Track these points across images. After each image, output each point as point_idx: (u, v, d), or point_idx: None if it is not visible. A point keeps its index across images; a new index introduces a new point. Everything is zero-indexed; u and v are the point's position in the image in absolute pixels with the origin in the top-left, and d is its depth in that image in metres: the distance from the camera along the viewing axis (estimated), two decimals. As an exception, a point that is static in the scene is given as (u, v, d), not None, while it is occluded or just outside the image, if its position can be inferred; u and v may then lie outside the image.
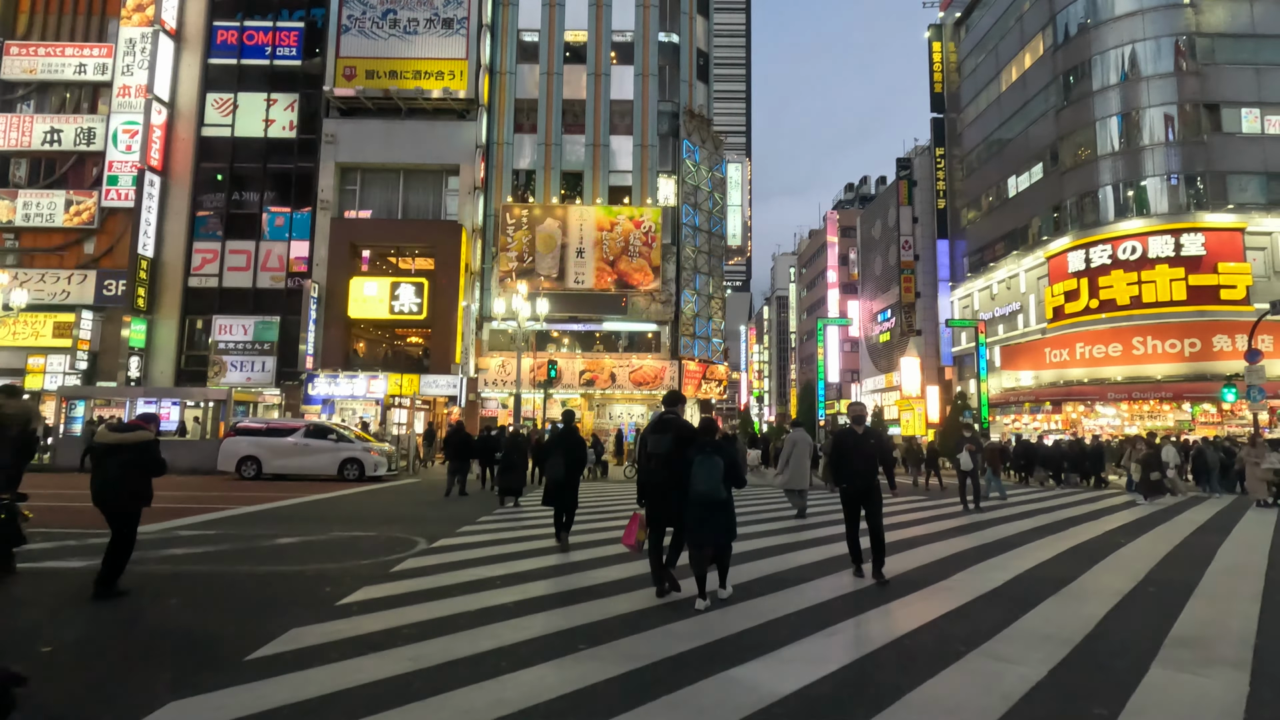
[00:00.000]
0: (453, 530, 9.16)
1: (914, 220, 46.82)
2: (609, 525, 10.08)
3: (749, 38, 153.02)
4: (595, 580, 6.26)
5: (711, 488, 5.26)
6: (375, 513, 11.24)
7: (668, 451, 5.53)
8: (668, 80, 29.84)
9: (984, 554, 7.91)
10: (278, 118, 29.25)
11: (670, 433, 5.60)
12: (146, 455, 5.71)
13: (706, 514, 5.34)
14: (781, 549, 8.07)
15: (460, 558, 7.22)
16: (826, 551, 7.84)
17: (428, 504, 13.17)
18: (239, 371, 27.77)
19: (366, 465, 18.32)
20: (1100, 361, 30.42)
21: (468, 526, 9.59)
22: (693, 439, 5.54)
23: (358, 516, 10.66)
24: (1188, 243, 28.30)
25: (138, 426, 5.84)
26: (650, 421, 7.00)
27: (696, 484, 5.27)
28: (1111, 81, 30.96)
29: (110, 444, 5.64)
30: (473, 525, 9.77)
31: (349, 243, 28.28)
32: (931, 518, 11.56)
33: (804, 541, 8.66)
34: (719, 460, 5.32)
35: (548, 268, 27.90)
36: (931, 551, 8.08)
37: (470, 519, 10.50)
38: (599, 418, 28.80)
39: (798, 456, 11.14)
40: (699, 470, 5.28)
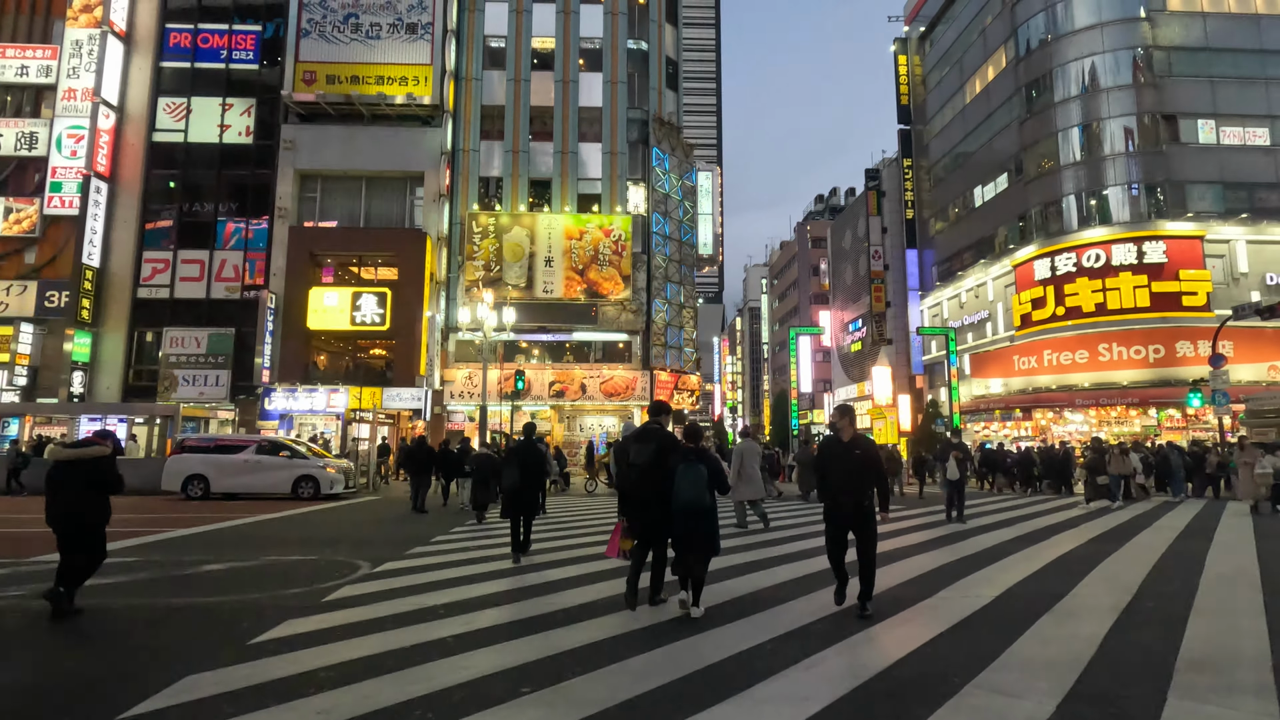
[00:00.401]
0: (402, 552, 8.47)
1: (883, 230, 47.11)
2: (570, 543, 9.47)
3: (719, 52, 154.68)
4: (551, 606, 5.66)
5: (695, 496, 5.21)
6: (323, 533, 10.47)
7: (649, 461, 5.43)
8: (637, 88, 29.55)
9: (967, 567, 7.49)
10: (234, 123, 28.25)
11: (653, 442, 5.51)
12: (103, 472, 5.60)
13: (691, 523, 5.25)
14: (752, 566, 7.55)
15: (404, 583, 6.56)
16: (802, 567, 7.34)
17: (383, 522, 12.41)
18: (191, 386, 26.53)
19: (322, 482, 17.44)
20: (1068, 368, 30.68)
21: (420, 547, 8.90)
22: (674, 450, 5.46)
23: (303, 538, 9.89)
24: (1150, 250, 28.74)
25: (93, 442, 5.75)
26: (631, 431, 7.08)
27: (680, 492, 5.21)
28: (1072, 93, 31.49)
29: (65, 460, 5.56)
30: (426, 546, 9.08)
31: (308, 252, 27.31)
32: (909, 528, 11.15)
33: (777, 558, 8.15)
34: (702, 468, 5.27)
35: (515, 277, 27.25)
36: (913, 565, 7.63)
37: (425, 538, 9.80)
38: (569, 430, 28.11)
39: (748, 466, 10.78)
40: (682, 479, 5.23)
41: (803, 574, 6.97)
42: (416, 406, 26.57)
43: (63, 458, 5.59)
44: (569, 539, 9.94)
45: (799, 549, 8.73)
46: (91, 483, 5.54)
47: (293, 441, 19.15)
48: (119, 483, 5.76)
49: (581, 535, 10.38)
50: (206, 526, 11.22)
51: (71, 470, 5.52)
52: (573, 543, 9.49)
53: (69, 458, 5.57)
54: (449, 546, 9.10)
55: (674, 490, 5.23)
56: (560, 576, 6.96)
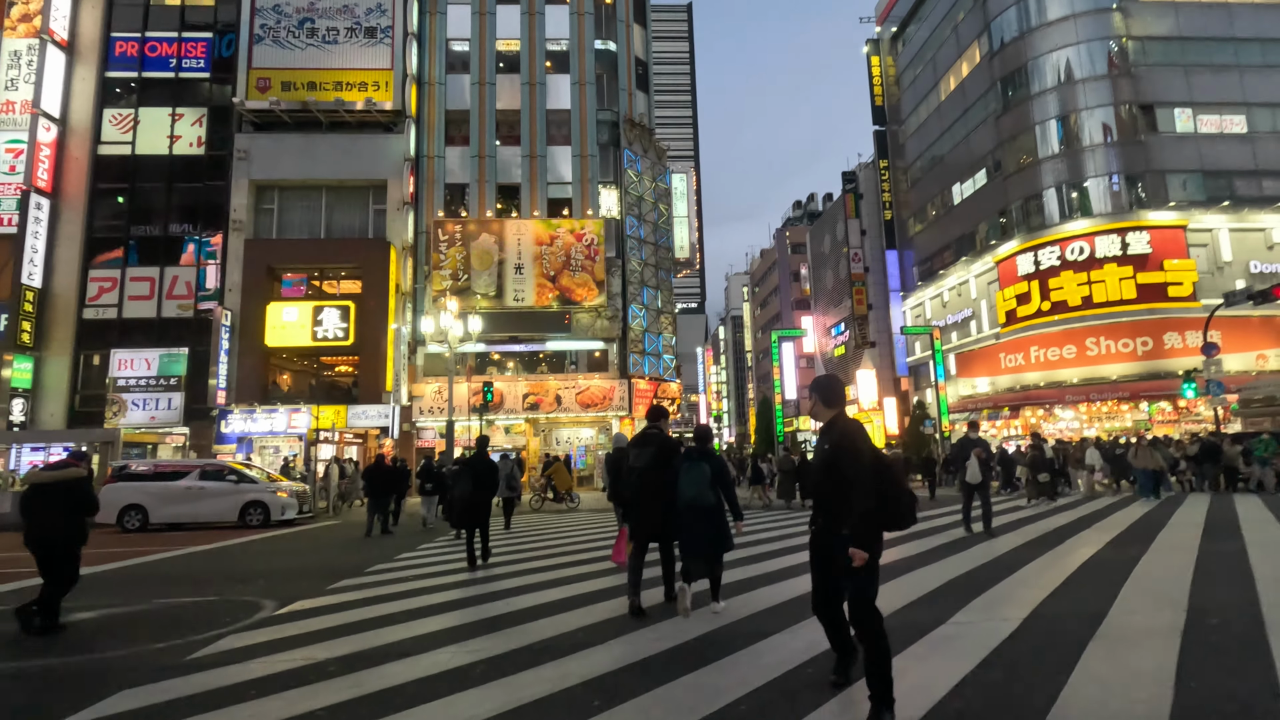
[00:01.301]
0: (325, 586, 7.26)
1: (862, 233, 46.66)
2: (523, 567, 8.31)
3: (693, 65, 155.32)
4: (474, 653, 4.51)
5: (698, 493, 5.20)
6: (249, 567, 9.21)
7: (649, 465, 5.44)
8: (606, 89, 28.69)
9: (982, 581, 6.43)
10: (184, 134, 26.95)
11: (653, 446, 5.52)
12: (78, 493, 5.76)
13: (695, 521, 5.21)
14: (728, 589, 6.43)
15: (303, 629, 5.37)
16: (788, 589, 6.24)
17: (325, 551, 11.15)
18: (141, 410, 24.99)
19: (272, 508, 16.12)
20: (1055, 364, 30.01)
21: (349, 580, 7.68)
22: (676, 452, 5.50)
23: (222, 574, 8.63)
24: (1133, 241, 28.23)
25: (68, 464, 5.94)
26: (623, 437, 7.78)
27: (684, 490, 5.21)
28: (1048, 86, 31.10)
29: (42, 484, 5.73)
30: (359, 577, 7.87)
31: (266, 266, 26.00)
32: (908, 535, 10.10)
33: (758, 578, 7.04)
34: (705, 467, 5.26)
35: (484, 285, 26.09)
36: (920, 580, 6.56)
37: (361, 568, 8.59)
38: (546, 444, 26.86)
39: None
40: (685, 477, 5.24)
41: (787, 597, 5.87)
42: (384, 424, 25.23)
43: (39, 481, 5.78)
44: (525, 562, 8.77)
45: (780, 566, 7.64)
46: (67, 506, 5.68)
47: (241, 465, 17.77)
48: (94, 504, 5.97)
49: (540, 555, 9.22)
50: (121, 563, 9.92)
51: (48, 494, 5.66)
52: (526, 564, 8.32)
53: (46, 481, 5.75)
54: (387, 576, 7.89)
55: (678, 488, 5.23)
56: (507, 609, 5.81)
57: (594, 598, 6.22)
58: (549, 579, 7.33)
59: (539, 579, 7.39)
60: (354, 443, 27.39)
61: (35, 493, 5.73)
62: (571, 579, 7.27)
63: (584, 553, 9.55)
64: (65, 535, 5.69)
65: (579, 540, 11.21)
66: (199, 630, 5.39)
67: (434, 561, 9.13)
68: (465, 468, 8.73)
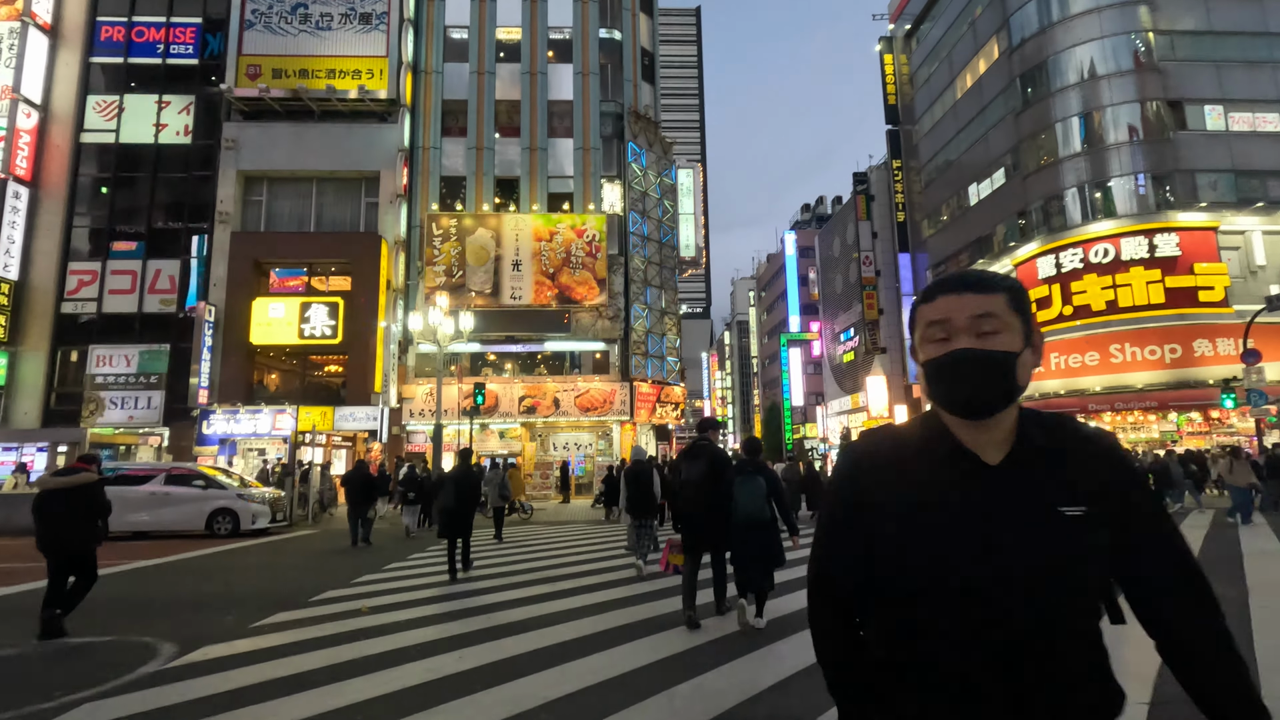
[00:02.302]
0: (253, 621, 6.03)
1: (873, 235, 45.47)
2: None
3: (700, 69, 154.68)
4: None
5: (755, 509, 5.24)
6: (183, 589, 8.00)
7: (702, 478, 5.44)
8: (610, 79, 27.55)
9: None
10: (171, 122, 25.91)
11: (704, 459, 5.51)
12: (91, 498, 5.80)
13: (750, 536, 5.25)
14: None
15: (181, 696, 4.12)
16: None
17: (283, 568, 9.93)
18: (119, 409, 23.88)
19: (241, 516, 14.95)
20: (1077, 371, 28.65)
21: (285, 613, 6.44)
22: (727, 464, 5.52)
23: (145, 599, 7.42)
24: (1161, 243, 26.89)
25: (80, 469, 5.90)
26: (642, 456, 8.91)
27: (740, 505, 5.23)
28: (1071, 82, 29.83)
29: (54, 489, 5.74)
30: (297, 610, 6.63)
31: (252, 260, 24.90)
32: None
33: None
34: (761, 481, 5.29)
35: (480, 282, 24.92)
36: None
37: (313, 592, 7.37)
38: (543, 449, 25.62)
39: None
40: (741, 492, 5.26)
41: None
42: (372, 427, 24.06)
43: (50, 487, 5.79)
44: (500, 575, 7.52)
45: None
46: (79, 509, 5.72)
47: (213, 470, 16.58)
48: (107, 506, 6.06)
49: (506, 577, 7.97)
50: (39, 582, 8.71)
51: (58, 499, 5.67)
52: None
53: (57, 486, 5.77)
54: (334, 609, 6.65)
55: (734, 504, 5.25)
56: (480, 661, 4.56)
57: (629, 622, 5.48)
58: (584, 603, 6.09)
59: (562, 604, 6.15)
60: (342, 446, 26.27)
61: (46, 498, 5.71)
62: (608, 594, 6.04)
63: (593, 563, 8.31)
64: (79, 539, 5.73)
65: (581, 551, 9.97)
66: (42, 694, 4.15)
67: (404, 586, 7.90)
68: (448, 479, 8.90)
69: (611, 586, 7.57)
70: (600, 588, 7.47)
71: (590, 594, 7.05)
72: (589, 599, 6.78)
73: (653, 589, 7.21)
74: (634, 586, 7.50)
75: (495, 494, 14.12)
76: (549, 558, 10.23)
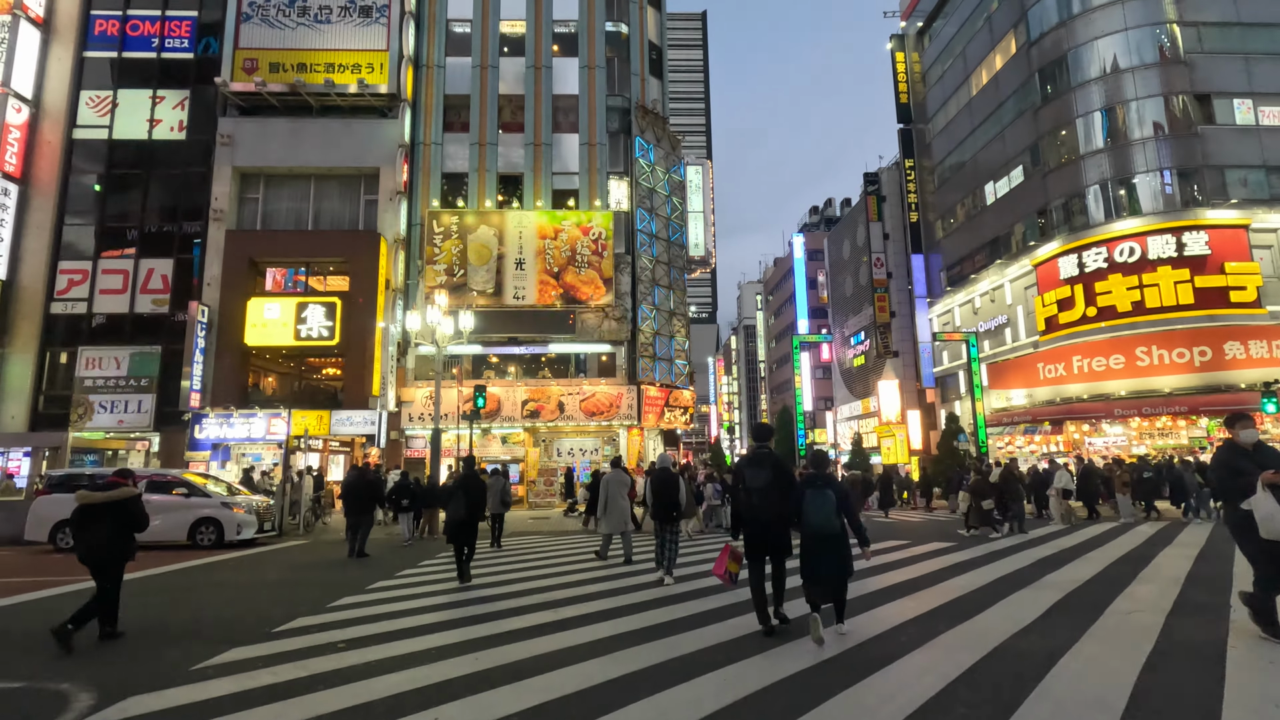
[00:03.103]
0: (206, 655, 5.11)
1: (885, 237, 44.40)
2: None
3: (706, 74, 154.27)
4: None
5: (825, 521, 5.33)
6: (141, 613, 7.08)
7: (766, 486, 5.56)
8: (617, 73, 26.72)
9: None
10: (165, 117, 25.20)
11: (767, 467, 5.63)
12: (129, 512, 5.97)
13: (820, 548, 5.34)
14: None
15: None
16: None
17: (261, 586, 9.01)
18: (109, 413, 23.08)
19: (226, 526, 14.09)
20: (1101, 375, 27.59)
21: (245, 652, 5.51)
22: (788, 472, 5.68)
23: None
24: (1190, 241, 25.85)
25: (118, 484, 6.09)
26: (667, 463, 9.00)
27: (810, 518, 5.36)
28: (1092, 76, 28.86)
29: (93, 504, 5.88)
30: (257, 644, 5.70)
31: (248, 259, 24.13)
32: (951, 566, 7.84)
33: (697, 616, 4.85)
34: (830, 494, 5.39)
35: (482, 282, 24.06)
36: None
37: (291, 615, 6.45)
38: (546, 455, 24.69)
39: (613, 498, 10.23)
40: (811, 504, 5.37)
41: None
42: (370, 431, 23.18)
43: (89, 501, 5.89)
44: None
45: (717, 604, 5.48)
46: (117, 523, 5.87)
47: (199, 476, 15.72)
48: (144, 520, 6.17)
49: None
50: (7, 599, 7.84)
51: (97, 512, 5.83)
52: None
53: (96, 501, 5.87)
54: (302, 642, 5.72)
55: (804, 516, 5.38)
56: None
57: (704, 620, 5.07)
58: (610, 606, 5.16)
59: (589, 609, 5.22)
60: (340, 451, 25.43)
61: (84, 512, 5.86)
62: (643, 608, 5.11)
63: (607, 571, 7.36)
64: (117, 552, 5.87)
65: (584, 560, 9.03)
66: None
67: (386, 612, 6.96)
68: (457, 487, 9.03)
69: (636, 602, 6.67)
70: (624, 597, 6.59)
71: (623, 613, 6.13)
72: (633, 620, 5.83)
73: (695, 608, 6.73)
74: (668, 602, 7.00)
75: (496, 501, 13.54)
76: (559, 570, 9.31)
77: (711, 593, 7.45)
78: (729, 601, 6.88)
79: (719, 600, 7.00)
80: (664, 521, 8.64)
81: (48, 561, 11.99)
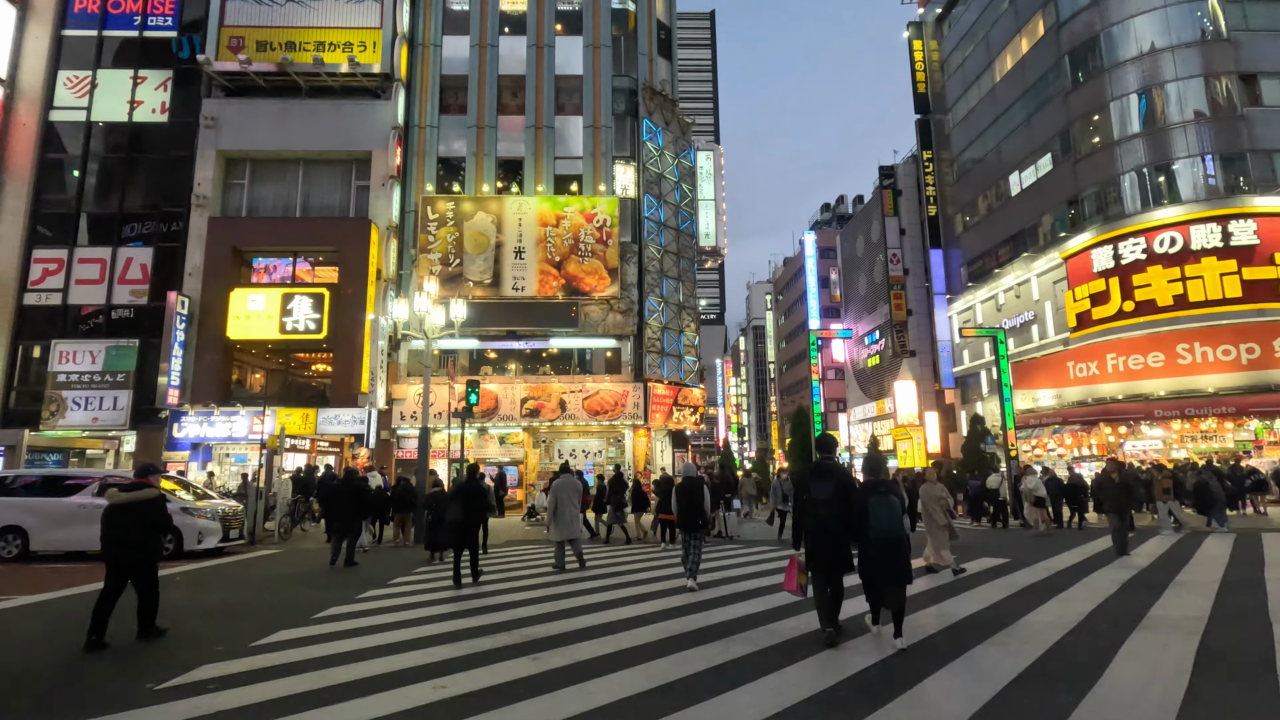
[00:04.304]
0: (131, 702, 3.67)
1: (901, 232, 42.81)
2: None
3: (715, 73, 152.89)
4: None
5: (894, 527, 5.40)
6: (56, 640, 5.62)
7: (832, 497, 5.57)
8: (623, 53, 25.26)
9: None
10: (147, 99, 23.91)
11: (834, 478, 5.65)
12: (154, 512, 6.06)
13: (886, 553, 5.38)
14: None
15: None
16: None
17: (196, 611, 7.51)
18: (83, 410, 21.73)
19: (185, 534, 12.62)
20: (1138, 374, 25.88)
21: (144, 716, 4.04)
22: (853, 483, 5.68)
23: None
24: (1237, 230, 24.13)
25: (143, 484, 6.14)
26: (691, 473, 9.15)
27: (877, 524, 5.39)
28: (1129, 56, 27.19)
29: (120, 504, 5.91)
30: (127, 714, 4.22)
31: (231, 247, 22.77)
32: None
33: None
34: (895, 500, 5.50)
35: (479, 272, 22.62)
36: None
37: (197, 659, 4.95)
38: (547, 456, 23.19)
39: (564, 505, 10.19)
40: (878, 511, 5.42)
41: None
42: (358, 430, 21.77)
43: (117, 502, 5.93)
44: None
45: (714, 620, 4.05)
46: (143, 524, 5.95)
47: (166, 479, 14.23)
48: (168, 521, 6.76)
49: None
50: None
51: (125, 513, 5.87)
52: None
53: (123, 502, 5.91)
54: (190, 709, 4.24)
55: (870, 522, 5.40)
56: None
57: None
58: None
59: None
60: (330, 452, 24.00)
61: (113, 512, 5.90)
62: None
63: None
64: (144, 552, 5.97)
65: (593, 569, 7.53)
66: None
67: (330, 654, 5.46)
68: (457, 494, 9.37)
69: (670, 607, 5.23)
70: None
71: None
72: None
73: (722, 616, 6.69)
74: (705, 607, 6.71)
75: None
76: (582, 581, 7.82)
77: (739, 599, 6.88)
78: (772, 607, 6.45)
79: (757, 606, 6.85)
80: (690, 530, 8.59)
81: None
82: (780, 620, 6.36)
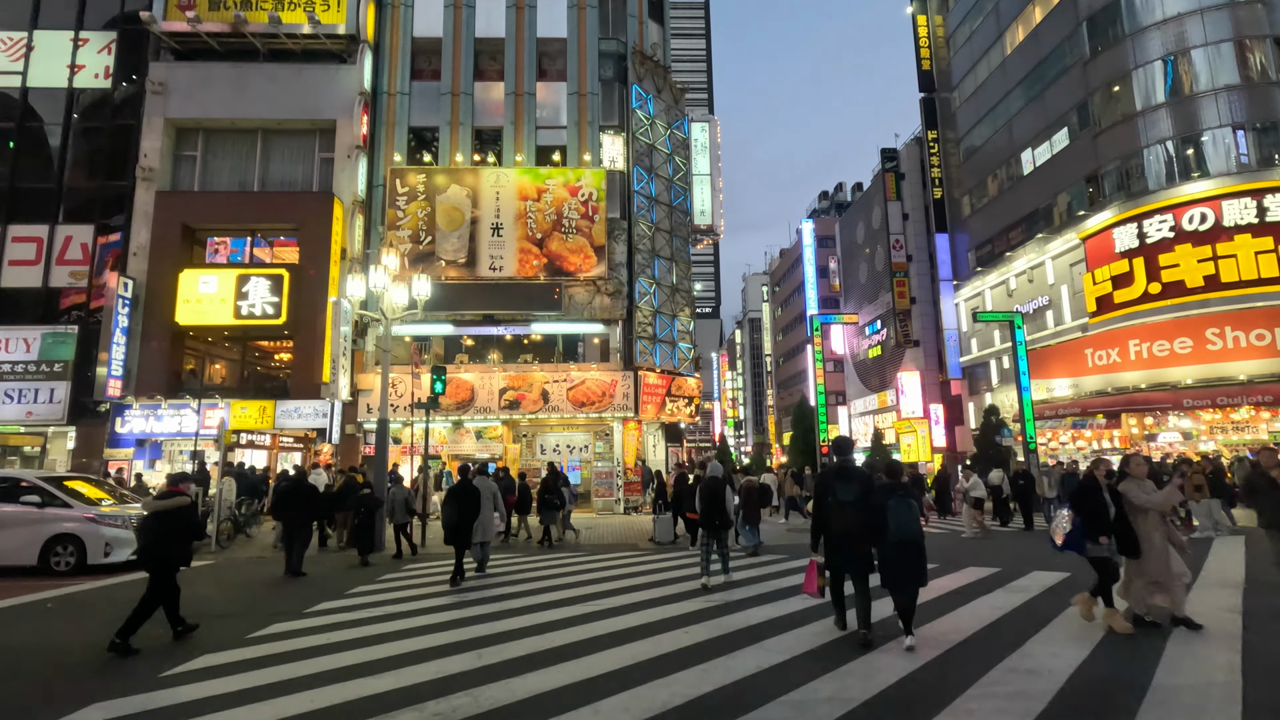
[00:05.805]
0: None
1: (904, 217, 41.00)
2: None
3: (709, 64, 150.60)
4: None
5: (913, 529, 5.47)
6: None
7: (856, 499, 5.64)
8: (610, 14, 23.28)
9: None
10: (89, 63, 21.84)
11: (856, 481, 5.75)
12: (184, 519, 6.39)
13: (903, 555, 5.46)
14: None
15: None
16: None
17: (54, 650, 5.59)
18: (16, 403, 19.72)
19: (90, 545, 10.71)
20: (1163, 361, 24.15)
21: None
22: (874, 485, 5.73)
23: None
24: (1273, 205, 22.41)
25: (175, 492, 6.47)
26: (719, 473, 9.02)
27: (896, 526, 5.44)
28: (1153, 20, 25.37)
29: (155, 511, 6.29)
30: None
31: (181, 225, 20.76)
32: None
33: None
34: (913, 502, 5.53)
35: (453, 250, 20.66)
36: None
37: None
38: (529, 452, 21.29)
39: (484, 507, 10.00)
40: (896, 513, 5.45)
41: None
42: (320, 425, 19.84)
43: (153, 509, 6.32)
44: None
45: None
46: (175, 530, 6.28)
47: (80, 480, 12.27)
48: (200, 528, 7.27)
49: None
50: None
51: (161, 519, 6.23)
52: None
53: (158, 509, 6.29)
54: None
55: (889, 524, 5.44)
56: None
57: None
58: None
59: None
60: (294, 448, 22.07)
61: (149, 519, 6.24)
62: None
63: None
64: (170, 556, 6.22)
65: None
66: None
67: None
68: (449, 494, 9.63)
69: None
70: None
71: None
72: None
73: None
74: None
75: (401, 510, 12.27)
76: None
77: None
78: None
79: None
80: (712, 530, 8.67)
81: None
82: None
